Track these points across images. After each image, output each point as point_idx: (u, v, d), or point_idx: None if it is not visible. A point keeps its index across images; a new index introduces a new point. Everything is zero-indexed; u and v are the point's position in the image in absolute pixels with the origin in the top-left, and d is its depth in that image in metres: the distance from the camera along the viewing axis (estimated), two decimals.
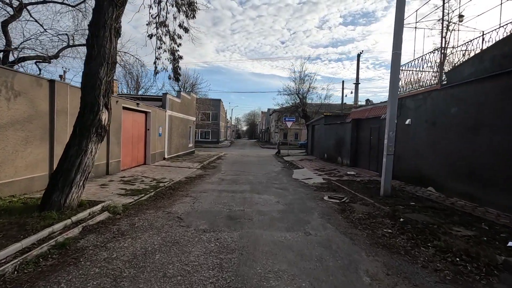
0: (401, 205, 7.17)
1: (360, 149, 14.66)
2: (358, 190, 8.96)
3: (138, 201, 6.63)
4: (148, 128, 13.82)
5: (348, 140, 15.35)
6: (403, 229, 5.39)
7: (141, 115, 13.30)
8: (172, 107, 17.01)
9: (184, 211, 5.96)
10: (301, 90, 26.66)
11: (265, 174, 13.17)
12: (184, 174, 11.75)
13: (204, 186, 9.36)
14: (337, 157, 16.92)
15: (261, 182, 10.65)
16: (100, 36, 5.06)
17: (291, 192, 8.77)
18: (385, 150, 8.29)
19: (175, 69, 8.27)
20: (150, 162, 13.96)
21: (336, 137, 17.19)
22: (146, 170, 12.16)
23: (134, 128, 12.58)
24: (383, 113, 11.96)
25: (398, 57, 8.11)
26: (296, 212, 6.32)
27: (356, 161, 14.94)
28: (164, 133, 15.99)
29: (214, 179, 11.00)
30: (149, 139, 13.83)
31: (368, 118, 13.53)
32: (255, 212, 6.10)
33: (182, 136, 19.48)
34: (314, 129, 23.37)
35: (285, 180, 11.33)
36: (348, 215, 6.23)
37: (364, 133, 14.26)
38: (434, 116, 8.91)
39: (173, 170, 12.58)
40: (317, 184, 10.45)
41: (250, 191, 8.56)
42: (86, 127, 5.03)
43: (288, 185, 10.06)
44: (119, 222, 4.96)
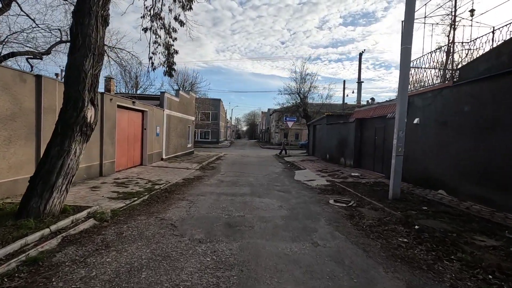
0: (412, 209, 6.65)
1: (364, 150, 14.14)
2: (365, 193, 8.43)
3: (130, 205, 6.10)
4: (145, 128, 13.29)
5: (351, 140, 14.83)
6: (419, 238, 4.86)
7: (138, 114, 12.77)
8: (170, 106, 16.48)
9: (178, 217, 5.42)
10: (302, 90, 26.15)
11: (266, 175, 12.64)
12: (182, 175, 11.22)
13: (202, 188, 8.83)
14: (339, 157, 16.39)
15: (262, 184, 10.12)
16: (85, 24, 4.53)
17: (294, 195, 8.25)
18: (394, 151, 7.77)
19: (170, 64, 7.74)
20: (147, 162, 13.43)
21: (338, 137, 16.66)
22: (143, 171, 11.62)
23: (130, 127, 12.05)
24: (389, 112, 11.44)
25: (408, 51, 7.59)
26: (301, 218, 5.79)
27: (359, 162, 14.41)
28: (162, 132, 15.46)
29: (212, 181, 10.47)
30: (146, 139, 13.31)
31: (373, 117, 13.00)
32: (257, 219, 5.57)
33: (180, 136, 18.95)
34: (316, 129, 22.84)
35: (287, 182, 10.80)
36: (358, 222, 5.70)
37: (368, 133, 13.73)
38: (445, 115, 8.38)
39: (171, 171, 12.04)
40: (321, 186, 9.92)
41: (251, 194, 8.03)
42: (69, 125, 4.50)
43: (291, 188, 9.53)
44: (105, 231, 4.43)
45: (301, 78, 26.04)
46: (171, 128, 16.97)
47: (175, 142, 17.78)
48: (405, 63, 7.64)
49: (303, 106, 26.35)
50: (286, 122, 23.51)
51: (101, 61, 4.88)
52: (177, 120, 17.99)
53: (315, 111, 27.93)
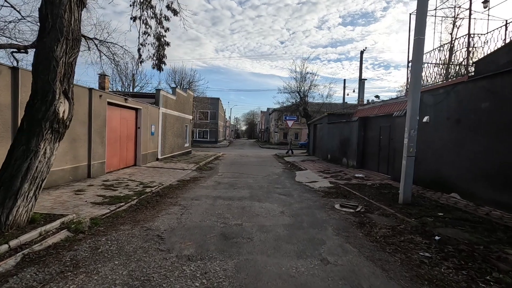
0: (427, 216, 6.00)
1: (367, 150, 13.49)
2: (372, 197, 7.79)
3: (114, 212, 5.42)
4: (138, 126, 12.61)
5: (354, 140, 14.18)
6: (443, 251, 4.22)
7: (131, 112, 12.08)
8: (166, 104, 15.79)
9: (167, 227, 4.76)
10: (302, 88, 25.47)
11: (266, 176, 11.98)
12: (177, 176, 10.55)
13: (197, 191, 8.16)
14: (342, 158, 15.75)
15: (261, 186, 9.46)
16: (55, 3, 3.85)
17: (296, 199, 7.59)
18: (405, 151, 7.12)
19: (160, 56, 7.07)
20: (141, 163, 12.75)
21: (340, 136, 16.01)
22: (135, 172, 10.94)
23: (123, 126, 11.37)
24: (395, 110, 10.79)
25: (421, 43, 6.94)
26: (306, 226, 5.13)
27: (363, 163, 13.77)
28: (157, 131, 14.78)
29: (209, 183, 9.80)
30: (140, 138, 12.62)
31: (378, 116, 12.35)
32: (256, 228, 4.91)
33: (177, 135, 18.27)
34: (316, 128, 22.19)
35: (288, 184, 10.15)
36: (369, 231, 5.05)
37: (372, 132, 13.09)
38: (459, 113, 7.74)
39: (165, 172, 11.37)
40: (324, 188, 9.26)
41: (250, 198, 7.37)
42: (37, 120, 3.83)
43: (292, 190, 8.87)
44: (78, 246, 3.76)
45: (301, 76, 25.39)
46: (167, 127, 16.29)
47: (171, 141, 17.10)
48: (417, 56, 6.99)
49: (303, 105, 25.69)
50: (286, 121, 22.84)
51: (76, 47, 4.20)
52: (173, 119, 17.30)
53: (315, 110, 27.30)
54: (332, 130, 17.58)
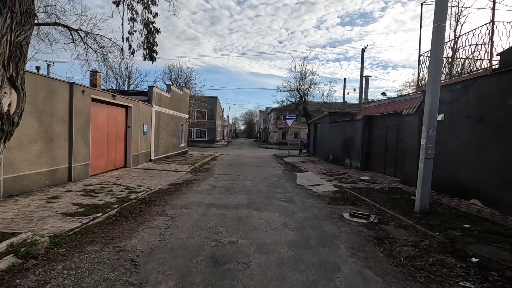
0: (452, 228, 5.16)
1: (373, 151, 12.65)
2: (384, 203, 6.94)
3: (86, 226, 4.53)
4: (129, 125, 11.70)
5: (358, 140, 13.33)
6: (487, 279, 3.36)
7: (120, 110, 11.17)
8: (160, 102, 14.88)
9: (146, 246, 3.87)
10: (302, 87, 24.60)
11: (265, 179, 11.12)
12: (169, 179, 9.66)
13: (189, 197, 7.28)
14: (344, 159, 14.90)
15: (260, 190, 8.59)
16: None
17: (300, 206, 6.72)
18: (422, 153, 6.26)
19: (150, 45, 6.18)
20: (132, 164, 11.84)
21: (343, 136, 15.16)
22: (124, 174, 10.04)
23: (111, 125, 10.46)
24: (404, 108, 9.94)
25: (442, 30, 6.08)
26: (314, 244, 4.26)
27: (368, 164, 12.92)
28: (150, 131, 13.87)
29: (203, 187, 8.92)
30: (131, 138, 11.72)
31: (384, 114, 11.51)
32: (254, 247, 4.03)
33: (172, 135, 17.36)
34: (317, 128, 21.34)
35: (289, 188, 9.28)
36: (390, 249, 4.19)
37: (378, 132, 12.24)
38: (480, 110, 6.90)
39: (157, 175, 10.47)
40: (329, 193, 8.40)
41: (247, 206, 6.49)
42: None
43: (294, 195, 8.01)
44: (21, 279, 2.86)
45: (301, 75, 24.52)
46: (161, 126, 15.38)
47: (165, 141, 16.19)
48: (437, 45, 6.13)
49: (303, 104, 24.82)
50: (285, 120, 21.99)
51: (27, 24, 3.30)
52: (168, 118, 16.40)
53: (315, 110, 26.42)
54: (334, 129, 16.73)
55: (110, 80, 25.14)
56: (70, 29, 9.70)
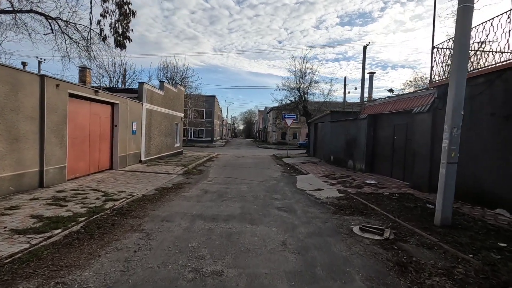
0: (486, 248, 4.22)
1: (378, 151, 11.71)
2: (397, 213, 6.01)
3: (33, 249, 3.58)
4: (115, 124, 10.74)
5: (362, 140, 12.40)
6: None
7: (105, 107, 10.20)
8: (151, 99, 13.91)
9: (100, 283, 2.92)
10: (302, 86, 23.64)
11: (263, 182, 10.18)
12: (157, 183, 8.71)
13: (174, 205, 6.33)
14: (347, 160, 13.96)
15: (257, 196, 7.65)
16: None
17: (301, 217, 5.78)
18: (445, 157, 5.32)
19: (123, 30, 5.23)
20: (119, 166, 10.88)
21: (346, 136, 14.23)
22: (108, 178, 9.08)
23: (94, 123, 9.50)
24: (415, 105, 9.00)
25: (469, 12, 5.14)
26: (322, 275, 3.31)
27: (373, 166, 11.99)
28: (140, 130, 12.91)
29: (194, 192, 7.98)
30: (117, 137, 10.75)
31: (392, 113, 10.57)
32: (244, 282, 3.08)
33: (166, 135, 16.40)
34: (317, 127, 20.40)
35: (288, 193, 8.34)
36: (418, 282, 3.25)
37: (384, 132, 11.31)
38: (508, 107, 5.97)
39: (145, 178, 9.52)
40: (333, 200, 7.47)
41: (240, 218, 5.54)
42: None
43: (294, 203, 7.06)
44: None
45: (301, 73, 23.55)
46: (153, 125, 14.42)
47: (158, 141, 15.23)
48: (463, 30, 5.19)
49: (303, 103, 23.87)
50: (284, 119, 21.05)
51: None
52: (161, 116, 15.43)
53: (315, 109, 25.44)
54: (336, 129, 15.79)
55: (103, 78, 24.16)
56: (47, 18, 8.73)
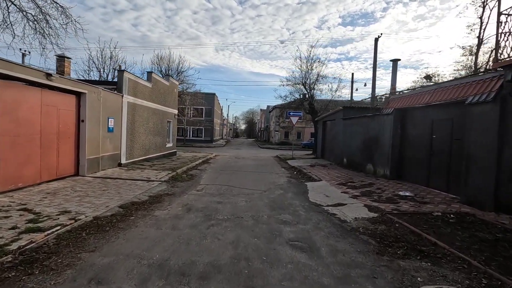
0: None
1: (408, 154, 9.41)
2: (478, 253, 3.76)
3: None
4: (82, 119, 8.52)
5: (386, 140, 10.11)
6: None
7: (66, 97, 7.99)
8: (135, 92, 11.70)
9: None
10: (308, 80, 21.31)
11: (266, 192, 7.94)
12: (127, 195, 6.49)
13: (131, 239, 4.10)
14: (365, 164, 11.67)
15: (258, 218, 5.40)
16: None
17: (330, 264, 3.51)
18: None
19: None
20: (87, 171, 8.66)
21: (364, 136, 11.93)
22: (64, 188, 6.87)
23: (49, 117, 7.29)
24: (470, 94, 6.70)
25: None
26: None
27: (400, 172, 9.70)
28: (120, 127, 10.70)
29: (172, 210, 5.75)
30: (85, 136, 8.54)
31: (428, 105, 8.27)
32: None
33: (155, 133, 14.18)
34: (326, 126, 18.10)
35: (301, 211, 6.09)
36: None
37: (417, 129, 9.01)
38: None
39: (114, 188, 7.30)
40: (366, 224, 5.21)
41: (231, 272, 3.27)
42: None
43: (313, 230, 4.81)
44: None
45: (306, 66, 21.22)
46: (138, 122, 12.20)
47: (144, 141, 13.00)
48: None
49: (309, 99, 21.54)
50: (289, 116, 18.77)
51: None
52: (148, 112, 13.21)
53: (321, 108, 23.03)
54: (350, 127, 13.49)
55: (92, 72, 21.99)
56: None
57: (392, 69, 14.18)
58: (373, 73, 21.19)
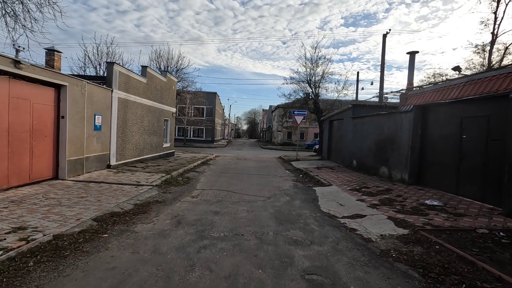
0: None
1: (431, 157, 8.30)
2: None
3: None
4: (62, 116, 7.50)
5: (405, 140, 9.00)
6: None
7: (43, 89, 6.96)
8: (127, 87, 10.68)
9: None
10: (313, 78, 20.23)
11: (270, 199, 6.88)
12: (108, 204, 5.44)
13: (92, 270, 3.04)
14: (378, 166, 10.56)
15: (263, 236, 4.32)
16: None
17: None
18: None
19: None
20: (68, 174, 7.63)
21: (377, 136, 10.82)
22: (35, 195, 5.83)
23: (19, 112, 6.26)
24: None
25: None
26: None
27: (422, 177, 8.58)
28: (109, 125, 9.67)
29: (158, 223, 4.70)
30: (65, 134, 7.51)
31: (457, 101, 7.16)
32: None
33: (150, 132, 13.15)
34: (333, 125, 16.99)
35: (314, 225, 5.01)
36: None
37: (442, 129, 7.90)
38: None
39: (95, 194, 6.26)
40: (395, 244, 4.13)
41: None
42: None
43: (333, 256, 3.72)
44: None
45: (311, 63, 20.13)
46: (131, 120, 11.17)
47: (138, 140, 11.97)
48: None
49: (314, 98, 20.44)
50: (294, 116, 17.70)
51: None
52: (143, 110, 12.18)
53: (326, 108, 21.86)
54: (361, 126, 12.38)
55: (89, 69, 21.02)
56: None
57: (409, 63, 13.04)
58: (381, 71, 20.09)
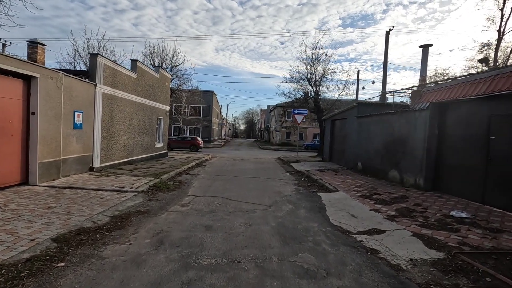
0: None
1: (451, 160, 7.39)
2: None
3: None
4: (33, 112, 6.48)
5: (419, 141, 8.09)
6: None
7: (5, 81, 5.95)
8: (114, 82, 9.66)
9: None
10: (314, 77, 19.31)
11: (270, 208, 5.93)
12: (79, 217, 4.45)
13: None
14: (387, 170, 9.65)
15: (264, 262, 3.36)
16: None
17: None
18: None
19: None
20: (40, 178, 6.61)
21: (386, 136, 9.91)
22: None
23: None
24: None
25: None
26: None
27: (439, 182, 7.67)
28: (93, 123, 8.66)
29: (132, 247, 3.71)
30: (36, 132, 6.50)
31: (483, 97, 6.25)
32: None
33: (141, 132, 12.14)
34: (335, 125, 16.08)
35: (325, 243, 4.07)
36: None
37: (464, 129, 6.98)
38: None
39: (66, 204, 5.26)
40: (432, 274, 3.20)
41: None
42: None
43: None
44: None
45: (312, 60, 19.21)
46: (118, 118, 10.15)
47: (127, 140, 10.96)
48: None
49: (315, 97, 19.52)
50: (293, 115, 16.76)
51: None
52: (132, 107, 11.17)
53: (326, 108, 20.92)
54: (367, 126, 11.47)
55: (79, 65, 19.86)
56: None
57: (422, 57, 12.12)
58: (383, 69, 19.23)
